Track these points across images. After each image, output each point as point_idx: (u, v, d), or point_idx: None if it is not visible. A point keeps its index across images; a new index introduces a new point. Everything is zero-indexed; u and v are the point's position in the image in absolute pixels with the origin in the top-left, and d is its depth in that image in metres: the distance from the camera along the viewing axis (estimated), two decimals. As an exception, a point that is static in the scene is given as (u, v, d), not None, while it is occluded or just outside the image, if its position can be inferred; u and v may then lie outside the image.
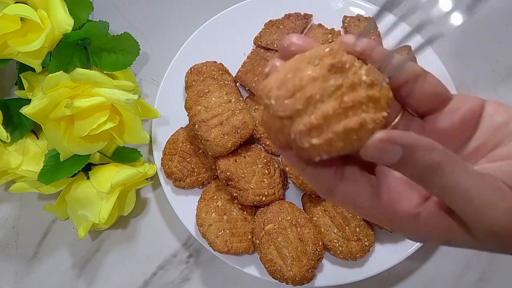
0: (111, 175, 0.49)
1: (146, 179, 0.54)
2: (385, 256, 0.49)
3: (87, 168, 0.51)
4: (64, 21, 0.47)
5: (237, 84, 0.57)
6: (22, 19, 0.47)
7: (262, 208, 0.49)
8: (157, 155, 0.53)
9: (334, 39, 0.53)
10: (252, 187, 0.48)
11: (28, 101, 0.45)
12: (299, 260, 0.45)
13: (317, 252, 0.46)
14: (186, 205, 0.51)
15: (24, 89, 0.52)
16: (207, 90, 0.50)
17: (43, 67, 0.50)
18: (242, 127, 0.49)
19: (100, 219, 0.48)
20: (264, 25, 0.59)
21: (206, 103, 0.49)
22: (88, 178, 0.51)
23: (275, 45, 0.57)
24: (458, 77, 0.56)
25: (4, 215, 0.57)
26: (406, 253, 0.48)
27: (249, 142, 0.51)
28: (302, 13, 0.58)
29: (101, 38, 0.52)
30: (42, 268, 0.54)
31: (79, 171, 0.50)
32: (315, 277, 0.48)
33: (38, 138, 0.54)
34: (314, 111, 0.20)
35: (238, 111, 0.49)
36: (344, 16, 0.58)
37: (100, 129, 0.46)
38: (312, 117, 0.19)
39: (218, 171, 0.49)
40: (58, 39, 0.49)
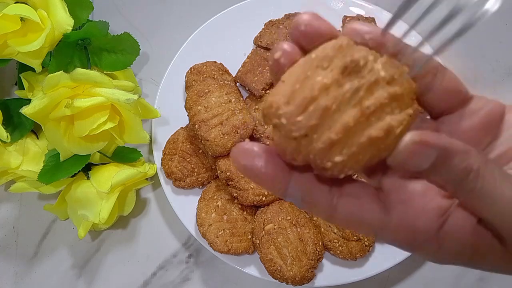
0: (111, 175, 0.49)
1: (146, 179, 0.54)
2: (385, 256, 0.49)
3: (87, 168, 0.51)
4: (64, 21, 0.47)
5: (237, 84, 0.57)
6: (22, 19, 0.47)
7: (262, 208, 0.49)
8: (157, 155, 0.53)
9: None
10: (252, 187, 0.48)
11: (28, 101, 0.45)
12: (299, 260, 0.45)
13: (317, 252, 0.46)
14: (186, 205, 0.51)
15: (24, 89, 0.52)
16: (207, 90, 0.50)
17: (43, 67, 0.50)
18: (242, 127, 0.49)
19: (100, 219, 0.48)
20: (264, 25, 0.59)
21: (206, 103, 0.49)
22: (88, 178, 0.51)
23: (275, 45, 0.57)
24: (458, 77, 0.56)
25: (4, 215, 0.57)
26: (406, 253, 0.48)
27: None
28: (302, 13, 0.58)
29: (101, 38, 0.52)
30: (42, 268, 0.54)
31: (79, 171, 0.50)
32: (315, 277, 0.48)
33: (38, 138, 0.54)
34: (332, 124, 0.17)
35: (238, 111, 0.49)
36: (344, 16, 0.58)
37: (100, 129, 0.46)
38: (331, 132, 0.17)
39: (218, 171, 0.49)
40: (58, 39, 0.49)
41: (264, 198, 0.48)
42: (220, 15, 0.59)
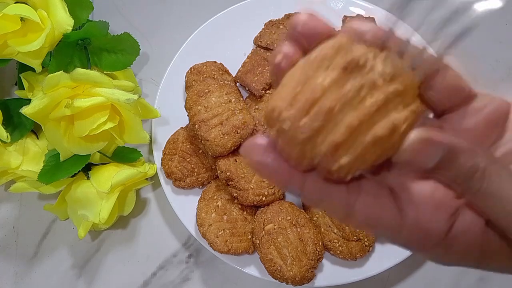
0: (111, 175, 0.49)
1: (146, 179, 0.54)
2: (385, 256, 0.49)
3: (87, 168, 0.51)
4: (64, 21, 0.47)
5: (237, 84, 0.56)
6: (22, 19, 0.47)
7: (262, 208, 0.49)
8: (157, 155, 0.53)
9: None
10: (252, 187, 0.48)
11: (28, 101, 0.45)
12: (299, 260, 0.45)
13: (317, 252, 0.46)
14: (186, 205, 0.51)
15: (24, 89, 0.52)
16: (207, 90, 0.50)
17: (43, 67, 0.50)
18: (242, 127, 0.49)
19: (100, 219, 0.48)
20: (264, 25, 0.59)
21: (206, 103, 0.49)
22: (88, 178, 0.51)
23: (275, 45, 0.57)
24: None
25: (4, 215, 0.57)
26: (406, 253, 0.48)
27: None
28: (302, 13, 0.58)
29: (101, 38, 0.52)
30: (42, 268, 0.54)
31: (79, 171, 0.50)
32: (315, 277, 0.48)
33: (38, 138, 0.54)
34: (336, 125, 0.17)
35: (238, 111, 0.49)
36: (344, 16, 0.58)
37: (100, 129, 0.46)
38: (335, 134, 0.17)
39: (218, 171, 0.49)
40: (58, 39, 0.49)
41: (264, 198, 0.48)
42: (220, 15, 0.59)
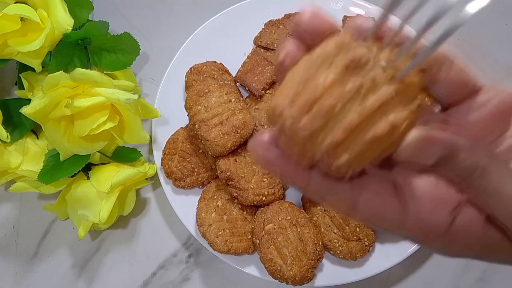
0: (111, 175, 0.49)
1: (146, 179, 0.54)
2: (385, 256, 0.49)
3: (87, 168, 0.51)
4: (64, 21, 0.47)
5: (237, 84, 0.57)
6: (22, 19, 0.47)
7: (262, 208, 0.49)
8: (157, 155, 0.53)
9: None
10: (252, 187, 0.48)
11: (28, 101, 0.45)
12: (299, 260, 0.45)
13: (317, 252, 0.46)
14: (186, 205, 0.51)
15: (24, 89, 0.52)
16: (207, 90, 0.50)
17: (43, 67, 0.50)
18: (242, 127, 0.49)
19: (100, 219, 0.48)
20: (264, 25, 0.59)
21: (206, 103, 0.49)
22: (88, 178, 0.51)
23: (275, 45, 0.57)
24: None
25: (4, 215, 0.57)
26: (406, 253, 0.48)
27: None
28: (302, 13, 0.58)
29: (101, 38, 0.52)
30: (42, 268, 0.54)
31: (79, 171, 0.50)
32: (315, 277, 0.48)
33: (38, 138, 0.54)
34: (336, 124, 0.17)
35: (238, 111, 0.49)
36: (344, 16, 0.58)
37: (100, 129, 0.46)
38: (335, 132, 0.17)
39: (218, 171, 0.49)
40: (58, 39, 0.49)
41: (264, 198, 0.48)
42: (220, 15, 0.59)
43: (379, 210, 0.20)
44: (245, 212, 0.50)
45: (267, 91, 0.55)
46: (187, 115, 0.50)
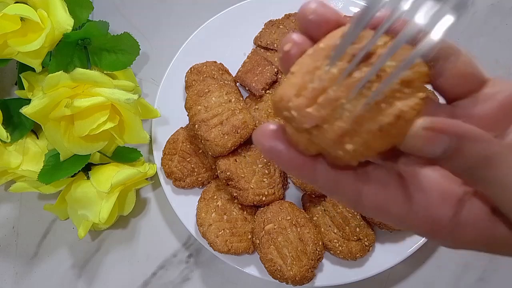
0: (111, 175, 0.49)
1: (146, 179, 0.54)
2: (385, 256, 0.49)
3: (87, 168, 0.51)
4: (64, 21, 0.47)
5: (237, 84, 0.57)
6: (22, 19, 0.47)
7: (262, 208, 0.49)
8: (157, 155, 0.53)
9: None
10: (252, 187, 0.48)
11: (28, 101, 0.45)
12: (299, 260, 0.45)
13: (317, 252, 0.46)
14: (186, 205, 0.51)
15: (24, 89, 0.52)
16: (207, 90, 0.50)
17: (43, 67, 0.51)
18: (242, 127, 0.49)
19: (100, 219, 0.48)
20: (264, 25, 0.59)
21: (206, 103, 0.49)
22: (88, 178, 0.51)
23: (275, 45, 0.57)
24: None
25: (4, 215, 0.57)
26: (406, 253, 0.48)
27: (249, 142, 0.51)
28: (302, 13, 0.58)
29: (101, 38, 0.52)
30: (42, 268, 0.54)
31: (79, 171, 0.50)
32: (315, 277, 0.48)
33: (38, 138, 0.54)
34: (342, 114, 0.17)
35: (238, 111, 0.49)
36: (344, 16, 0.58)
37: (100, 129, 0.46)
38: (341, 122, 0.17)
39: (218, 171, 0.49)
40: (58, 39, 0.49)
41: (264, 198, 0.48)
42: (220, 15, 0.59)
43: (383, 202, 0.19)
44: (245, 212, 0.50)
45: (267, 91, 0.55)
46: (187, 115, 0.50)
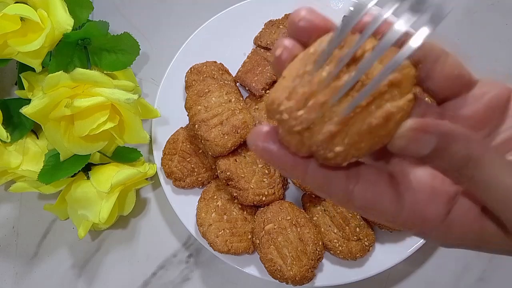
0: (111, 175, 0.49)
1: (146, 179, 0.54)
2: (385, 256, 0.49)
3: (87, 168, 0.51)
4: (64, 21, 0.47)
5: (237, 84, 0.57)
6: (22, 19, 0.47)
7: (262, 208, 0.49)
8: (157, 155, 0.53)
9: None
10: (252, 187, 0.48)
11: (28, 101, 0.45)
12: (299, 260, 0.45)
13: (317, 252, 0.46)
14: (186, 205, 0.51)
15: (24, 89, 0.52)
16: (207, 90, 0.50)
17: (43, 67, 0.50)
18: (242, 127, 0.49)
19: (100, 219, 0.48)
20: (264, 25, 0.59)
21: (206, 103, 0.49)
22: (88, 178, 0.51)
23: (276, 41, 0.57)
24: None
25: (4, 215, 0.57)
26: (406, 253, 0.48)
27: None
28: (302, 13, 0.58)
29: (101, 38, 0.52)
30: (42, 268, 0.54)
31: (79, 171, 0.50)
32: (315, 277, 0.48)
33: (38, 138, 0.54)
34: (332, 116, 0.17)
35: (238, 111, 0.49)
36: (344, 16, 0.58)
37: (100, 129, 0.46)
38: (331, 124, 0.17)
39: (218, 171, 0.49)
40: (58, 39, 0.49)
41: (264, 198, 0.48)
42: (220, 15, 0.59)
43: (374, 200, 0.20)
44: (245, 212, 0.50)
45: (267, 91, 0.55)
46: (187, 115, 0.50)
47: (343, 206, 0.20)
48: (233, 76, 0.57)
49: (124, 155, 0.53)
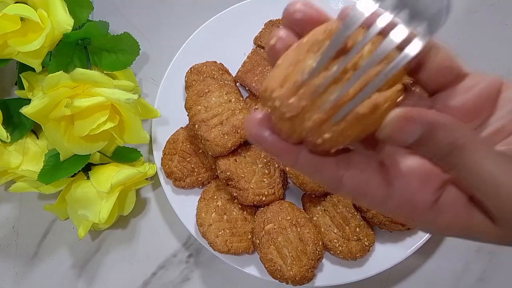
0: (111, 175, 0.49)
1: (146, 179, 0.54)
2: (385, 256, 0.49)
3: (87, 168, 0.51)
4: (64, 21, 0.47)
5: (237, 84, 0.57)
6: (22, 19, 0.47)
7: (262, 208, 0.49)
8: (157, 155, 0.53)
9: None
10: (252, 187, 0.48)
11: (28, 101, 0.46)
12: (299, 260, 0.45)
13: (317, 252, 0.46)
14: (186, 205, 0.51)
15: (24, 89, 0.52)
16: (207, 90, 0.50)
17: (43, 67, 0.51)
18: (242, 127, 0.49)
19: (100, 219, 0.48)
20: (264, 25, 0.59)
21: (206, 103, 0.49)
22: (88, 178, 0.51)
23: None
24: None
25: (4, 215, 0.57)
26: (406, 253, 0.48)
27: (249, 142, 0.51)
28: (302, 13, 0.58)
29: (101, 38, 0.52)
30: (42, 268, 0.54)
31: (79, 171, 0.50)
32: (315, 277, 0.48)
33: (38, 138, 0.54)
34: (321, 104, 0.18)
35: (238, 111, 0.50)
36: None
37: (100, 129, 0.46)
38: (320, 112, 0.18)
39: (218, 171, 0.49)
40: (58, 39, 0.49)
41: (264, 198, 0.48)
42: (220, 15, 0.59)
43: (363, 186, 0.20)
44: (245, 212, 0.50)
45: (267, 91, 0.55)
46: (187, 115, 0.50)
47: (334, 191, 0.21)
48: (233, 76, 0.57)
49: (124, 155, 0.53)
